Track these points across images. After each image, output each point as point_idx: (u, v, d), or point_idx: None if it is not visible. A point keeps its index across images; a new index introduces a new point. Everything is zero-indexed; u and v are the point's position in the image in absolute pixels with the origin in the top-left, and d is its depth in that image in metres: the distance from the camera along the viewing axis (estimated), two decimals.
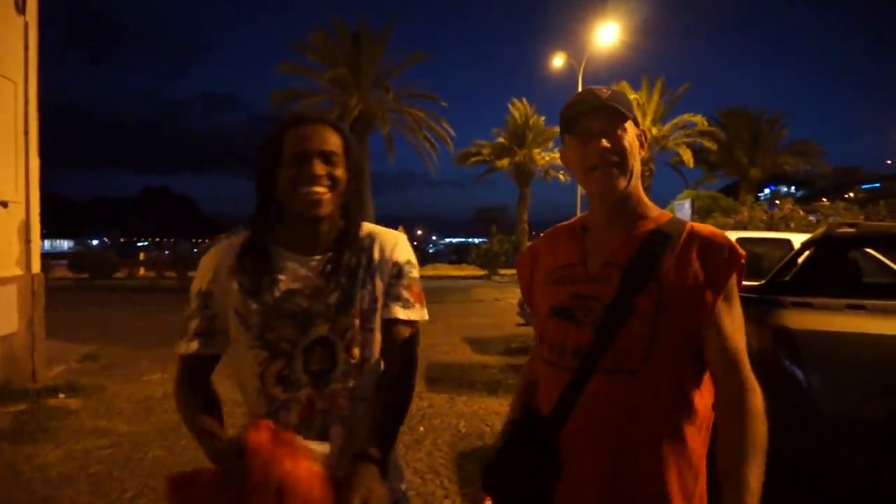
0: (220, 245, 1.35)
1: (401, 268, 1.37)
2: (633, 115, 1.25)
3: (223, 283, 1.30)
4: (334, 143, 1.28)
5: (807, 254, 4.33)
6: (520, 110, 32.08)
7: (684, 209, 17.29)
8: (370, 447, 1.15)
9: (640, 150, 1.27)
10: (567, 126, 1.26)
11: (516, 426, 1.27)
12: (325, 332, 1.28)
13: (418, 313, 1.36)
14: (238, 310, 1.29)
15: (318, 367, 1.27)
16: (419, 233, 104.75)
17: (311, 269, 1.30)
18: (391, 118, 25.79)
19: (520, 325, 10.57)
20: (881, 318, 2.99)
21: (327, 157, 1.25)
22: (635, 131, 1.26)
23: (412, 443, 4.44)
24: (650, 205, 1.31)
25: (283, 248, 1.32)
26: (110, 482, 3.65)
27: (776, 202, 18.91)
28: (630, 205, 1.27)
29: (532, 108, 32.45)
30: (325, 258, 1.32)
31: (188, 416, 1.29)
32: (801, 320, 2.95)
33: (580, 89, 1.45)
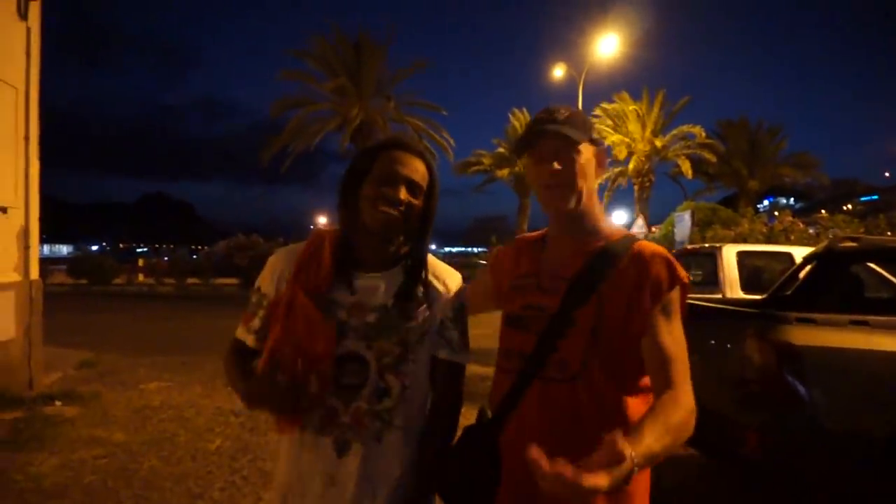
0: (284, 251, 1.41)
1: (461, 310, 1.43)
2: (590, 136, 1.32)
3: (275, 285, 1.36)
4: (422, 174, 1.33)
5: (808, 268, 4.31)
6: (520, 120, 32.19)
7: (684, 221, 17.29)
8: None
9: (597, 168, 1.35)
10: (525, 146, 1.33)
11: (466, 430, 1.36)
12: (358, 349, 1.30)
13: (467, 357, 1.43)
14: None
15: (347, 381, 1.29)
16: None
17: (363, 285, 1.34)
18: (392, 127, 25.85)
19: None
20: (884, 335, 2.96)
21: (412, 186, 1.31)
22: (591, 151, 1.33)
23: None
24: (605, 223, 1.39)
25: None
26: (105, 493, 3.60)
27: (775, 214, 18.93)
28: (582, 222, 1.35)
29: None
30: (379, 277, 1.36)
31: (231, 370, 1.38)
32: (805, 336, 2.92)
33: (580, 100, 1.51)
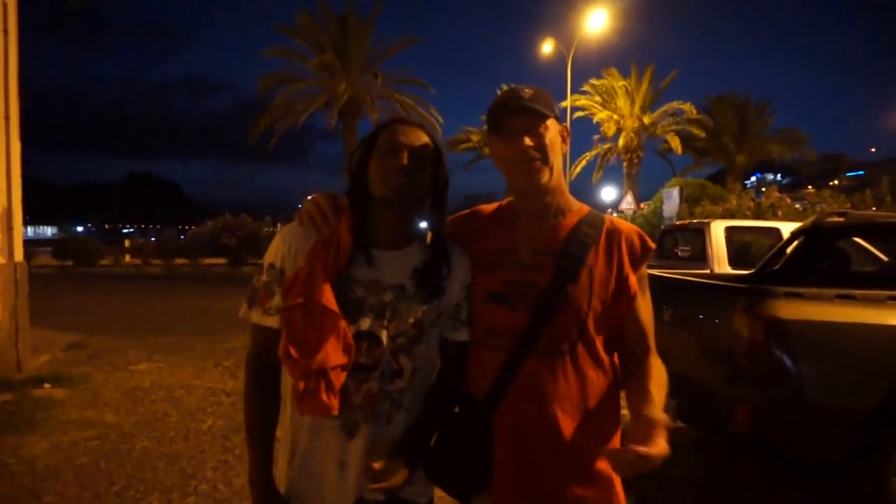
0: (295, 227, 1.37)
1: (468, 288, 1.42)
2: (555, 114, 1.35)
3: (294, 262, 1.31)
4: (424, 143, 1.34)
5: (796, 243, 4.35)
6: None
7: (672, 197, 17.35)
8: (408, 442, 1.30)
9: (562, 144, 1.37)
10: (492, 125, 1.34)
11: (459, 411, 1.38)
12: (373, 328, 1.29)
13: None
14: None
15: (362, 361, 1.27)
16: None
17: (380, 262, 1.32)
18: (379, 104, 25.58)
19: None
20: (870, 308, 3.00)
21: (415, 154, 1.31)
22: (557, 128, 1.35)
23: None
24: (571, 197, 1.42)
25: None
26: (97, 474, 3.61)
27: (762, 189, 19.05)
28: (554, 197, 1.37)
29: (521, 85, 32.33)
30: (396, 254, 1.34)
31: (253, 417, 1.41)
32: (793, 310, 2.95)
33: (569, 76, 1.50)
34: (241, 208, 25.43)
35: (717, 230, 6.45)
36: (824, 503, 3.49)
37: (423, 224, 1.43)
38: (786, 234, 4.76)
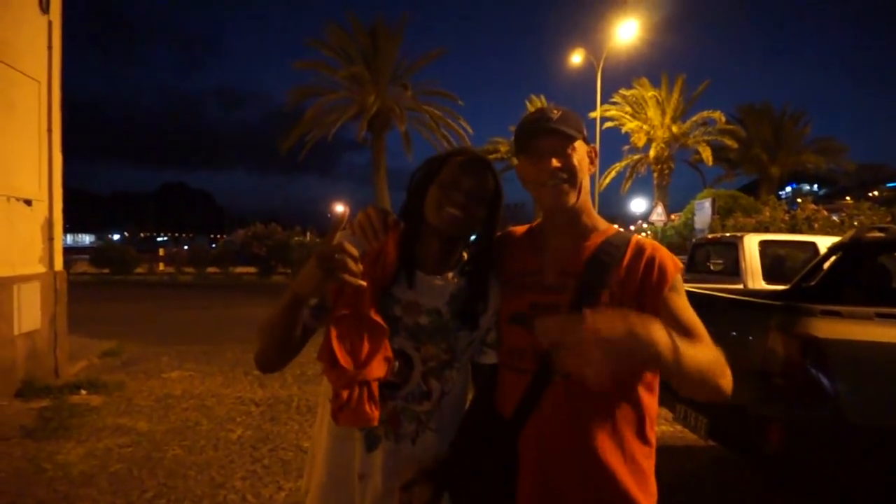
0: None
1: (497, 310, 1.43)
2: (583, 135, 1.34)
3: None
4: (485, 182, 1.36)
5: (834, 259, 4.24)
6: (537, 107, 31.93)
7: (704, 208, 17.08)
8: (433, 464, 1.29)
9: (589, 165, 1.37)
10: (520, 146, 1.35)
11: (485, 433, 1.37)
12: (405, 348, 1.32)
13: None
14: None
15: (389, 379, 1.29)
16: None
17: (421, 284, 1.35)
18: (408, 116, 25.79)
19: None
20: None
21: (475, 192, 1.33)
22: (585, 149, 1.35)
23: None
24: (598, 218, 1.41)
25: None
26: (130, 481, 3.68)
27: (798, 201, 18.62)
28: (581, 218, 1.37)
29: (550, 104, 32.27)
30: (437, 279, 1.37)
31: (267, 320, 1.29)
32: (830, 329, 2.87)
33: (598, 86, 1.49)
34: (271, 218, 25.84)
35: (751, 244, 6.32)
36: None
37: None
38: (822, 249, 4.65)
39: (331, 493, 1.34)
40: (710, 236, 9.02)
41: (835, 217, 14.76)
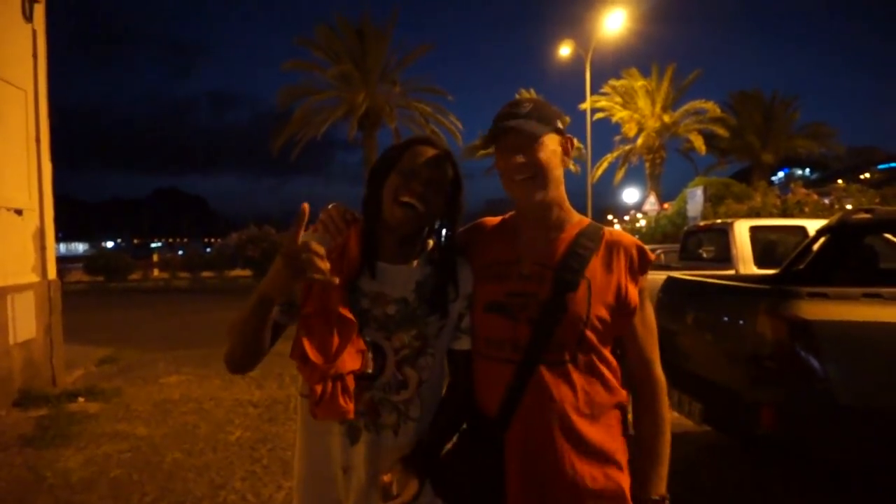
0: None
1: (471, 297, 1.44)
2: (555, 127, 1.35)
3: None
4: (446, 171, 1.36)
5: (822, 241, 4.28)
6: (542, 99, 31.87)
7: (696, 197, 17.14)
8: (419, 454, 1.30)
9: (563, 157, 1.38)
10: (492, 140, 1.36)
11: (470, 428, 1.40)
12: (376, 339, 1.33)
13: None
14: None
15: (364, 371, 1.30)
16: None
17: (385, 275, 1.36)
18: (398, 113, 25.74)
19: None
20: None
21: (434, 180, 1.34)
22: (557, 141, 1.36)
23: None
24: (572, 210, 1.44)
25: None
26: (130, 486, 3.69)
27: (791, 186, 18.70)
28: (553, 210, 1.39)
29: (540, 97, 32.16)
30: (401, 268, 1.37)
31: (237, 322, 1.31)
32: (817, 310, 2.90)
33: (588, 77, 1.51)
34: (265, 220, 25.75)
35: (741, 230, 6.36)
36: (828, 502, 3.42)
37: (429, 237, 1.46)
38: (812, 232, 4.67)
39: (313, 489, 1.35)
40: (701, 224, 9.06)
41: (826, 200, 14.85)
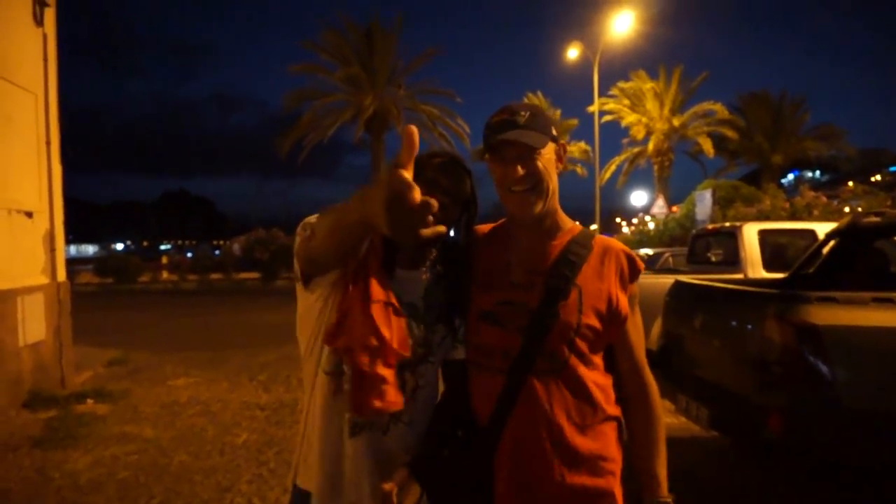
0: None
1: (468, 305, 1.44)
2: (551, 135, 1.32)
3: None
4: (465, 185, 1.35)
5: (831, 245, 4.25)
6: (535, 104, 31.86)
7: (705, 199, 17.04)
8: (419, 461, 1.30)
9: (557, 164, 1.36)
10: (486, 147, 1.33)
11: (463, 435, 1.39)
12: None
13: None
14: None
15: None
16: None
17: (400, 280, 1.35)
18: (406, 116, 25.76)
19: None
20: None
21: (453, 194, 1.33)
22: (553, 149, 1.34)
23: None
24: (564, 217, 1.43)
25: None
26: (137, 488, 3.71)
27: (800, 187, 18.58)
28: (547, 219, 1.38)
29: (547, 100, 32.24)
30: (415, 273, 1.38)
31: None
32: (826, 315, 2.88)
33: (595, 80, 1.49)
34: (274, 223, 25.86)
35: (750, 234, 6.31)
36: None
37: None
38: (821, 236, 4.63)
39: (324, 473, 1.34)
40: (709, 227, 9.01)
41: (835, 203, 14.74)
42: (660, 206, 22.26)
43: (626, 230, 27.50)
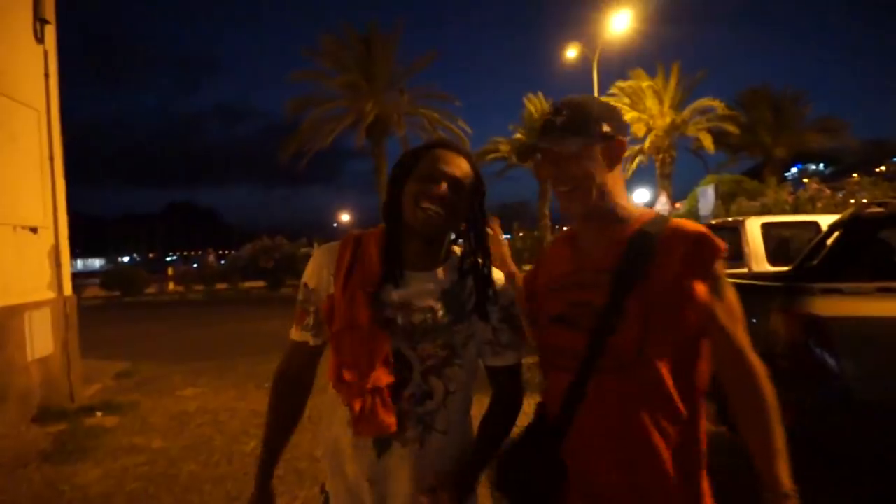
0: (326, 247, 1.41)
1: (510, 307, 1.43)
2: (594, 132, 1.29)
3: (325, 281, 1.36)
4: (464, 172, 1.34)
5: (835, 236, 4.22)
6: (535, 105, 31.83)
7: (708, 195, 17.02)
8: (457, 477, 1.27)
9: (613, 159, 1.33)
10: (535, 148, 1.36)
11: (527, 427, 1.37)
12: (402, 349, 1.31)
13: (522, 353, 1.45)
14: None
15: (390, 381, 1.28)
16: None
17: (410, 283, 1.34)
18: (406, 120, 25.81)
19: None
20: None
21: (454, 183, 1.31)
22: (597, 150, 1.30)
23: None
24: (630, 208, 1.36)
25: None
26: (147, 499, 3.72)
27: (804, 181, 18.52)
28: (606, 214, 1.33)
29: (548, 101, 32.21)
30: (426, 276, 1.37)
31: (274, 403, 1.49)
32: (830, 307, 2.87)
33: (595, 79, 1.50)
34: (278, 230, 25.92)
35: (753, 227, 6.29)
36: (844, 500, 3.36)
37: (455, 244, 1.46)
38: (825, 227, 4.62)
39: (348, 501, 1.36)
40: (712, 222, 8.99)
41: (839, 195, 14.68)
42: (663, 203, 22.19)
43: None
